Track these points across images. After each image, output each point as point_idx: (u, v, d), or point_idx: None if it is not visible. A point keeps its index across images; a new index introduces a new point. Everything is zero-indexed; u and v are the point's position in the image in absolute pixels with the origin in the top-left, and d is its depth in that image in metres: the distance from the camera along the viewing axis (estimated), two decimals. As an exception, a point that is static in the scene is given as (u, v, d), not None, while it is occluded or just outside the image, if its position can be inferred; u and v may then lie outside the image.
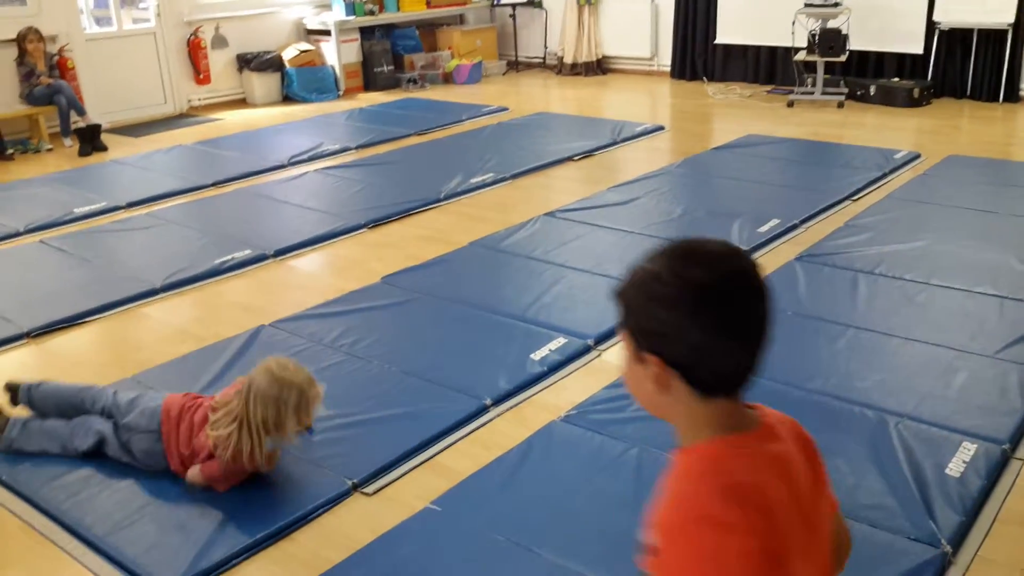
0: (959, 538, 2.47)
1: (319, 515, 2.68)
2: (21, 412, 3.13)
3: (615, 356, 3.61)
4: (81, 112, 7.52)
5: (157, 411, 2.84)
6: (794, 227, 4.96)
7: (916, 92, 7.94)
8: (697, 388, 1.15)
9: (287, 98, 9.26)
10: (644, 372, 1.17)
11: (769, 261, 4.50)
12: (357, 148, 7.12)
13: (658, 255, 1.16)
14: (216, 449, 2.66)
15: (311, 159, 6.81)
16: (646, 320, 1.16)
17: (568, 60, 10.26)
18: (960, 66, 8.16)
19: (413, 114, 8.27)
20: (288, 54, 9.23)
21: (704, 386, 1.15)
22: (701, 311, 1.11)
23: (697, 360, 1.13)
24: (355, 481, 2.81)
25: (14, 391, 3.15)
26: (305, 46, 9.37)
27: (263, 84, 9.14)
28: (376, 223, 5.30)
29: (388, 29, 9.96)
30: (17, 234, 5.27)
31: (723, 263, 1.15)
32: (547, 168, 6.43)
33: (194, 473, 2.75)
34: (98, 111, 7.89)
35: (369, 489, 2.79)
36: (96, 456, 2.93)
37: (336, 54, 9.40)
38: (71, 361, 3.75)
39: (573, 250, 4.69)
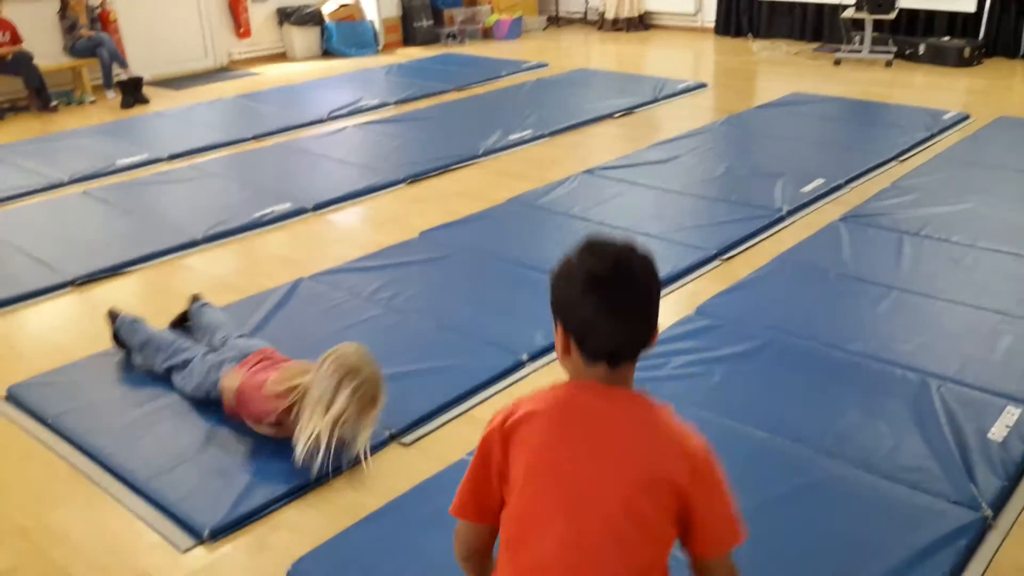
0: (1000, 502, 2.43)
1: (357, 464, 2.71)
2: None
3: (653, 314, 3.59)
4: (123, 64, 7.58)
5: (254, 348, 3.00)
6: (839, 187, 4.87)
7: (967, 51, 7.73)
8: (585, 355, 1.44)
9: (326, 52, 9.24)
10: (556, 337, 1.48)
11: (813, 221, 4.44)
12: (396, 103, 7.10)
13: (576, 246, 1.46)
14: (266, 385, 2.73)
15: (350, 114, 6.81)
16: (556, 294, 1.45)
17: (609, 15, 10.11)
18: (1014, 24, 7.93)
19: (452, 69, 8.22)
20: (328, 8, 9.20)
21: (589, 354, 1.44)
22: (588, 292, 1.40)
23: (585, 332, 1.42)
24: (393, 431, 2.83)
25: (193, 301, 3.48)
26: (345, 0, 9.32)
27: (303, 38, 9.13)
28: (415, 178, 5.29)
29: (428, -17, 9.88)
30: (61, 184, 5.34)
31: (613, 257, 1.42)
32: (586, 125, 6.37)
33: (231, 379, 2.83)
34: (140, 64, 7.94)
35: (407, 440, 2.82)
36: (165, 378, 3.11)
37: (376, 8, 9.35)
38: (115, 310, 3.81)
39: (612, 208, 4.65)
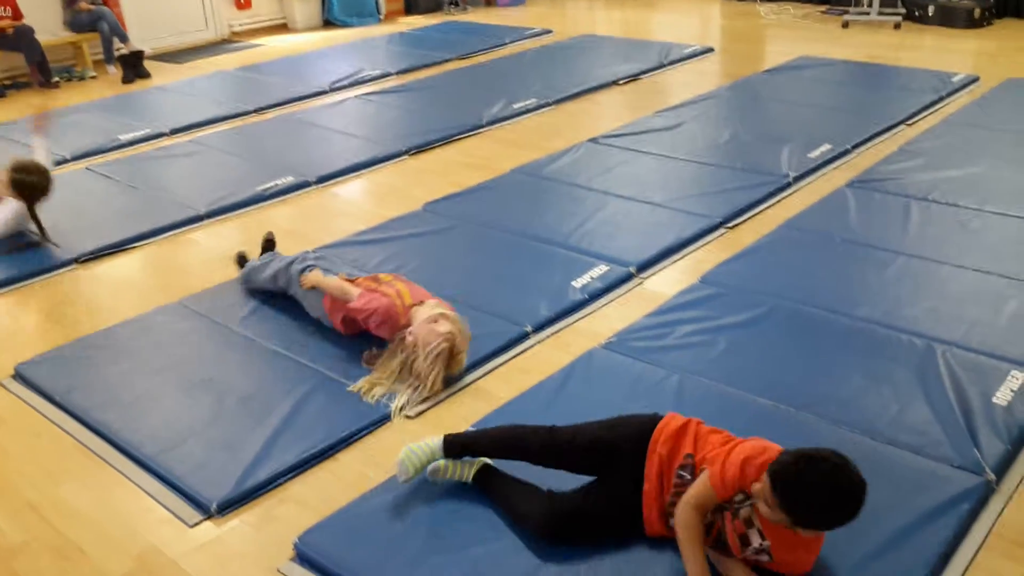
0: (1003, 466, 2.44)
1: (363, 436, 2.73)
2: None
3: (657, 284, 3.58)
4: (124, 39, 7.53)
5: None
6: (845, 152, 4.83)
7: (976, 12, 7.62)
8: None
9: (327, 23, 9.17)
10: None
11: (819, 187, 4.41)
12: (398, 73, 7.05)
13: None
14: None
15: (352, 84, 6.77)
16: None
17: (614, -19, 9.99)
18: (1025, -17, 7.81)
19: (455, 38, 8.15)
20: (329, -23, 9.12)
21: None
22: None
23: None
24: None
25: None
26: (346, -31, 9.23)
27: (303, 8, 9.05)
28: (418, 150, 5.27)
29: (430, -50, 9.77)
30: (64, 161, 5.33)
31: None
32: (591, 93, 6.32)
33: (333, 283, 3.17)
34: (140, 38, 7.89)
35: (411, 412, 2.83)
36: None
37: (377, -23, 9.26)
38: (119, 285, 3.82)
39: (616, 177, 4.62)
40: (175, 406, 2.90)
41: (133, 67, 7.32)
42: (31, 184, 4.02)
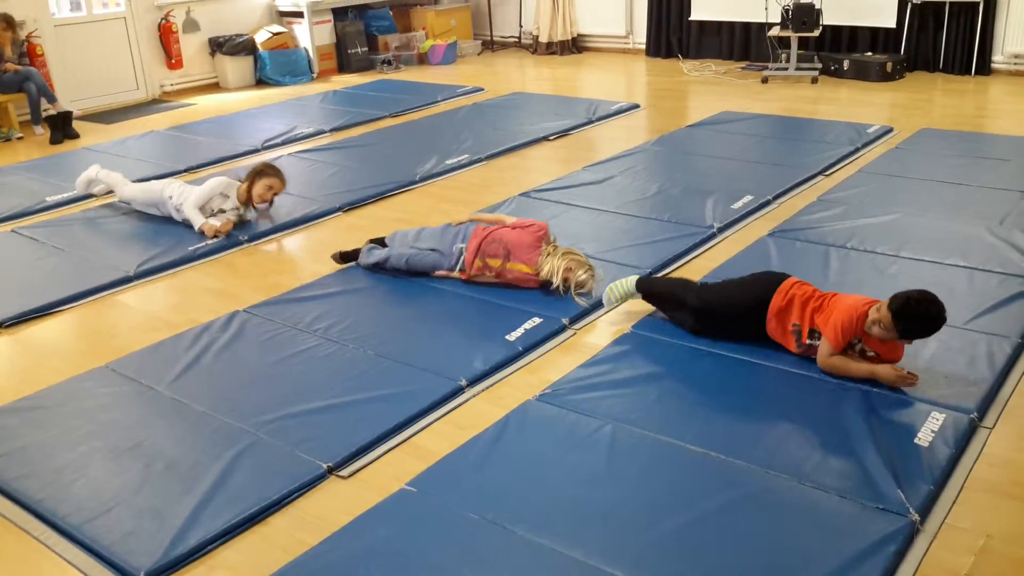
0: (927, 506, 2.50)
1: (295, 499, 2.69)
2: None
3: (590, 335, 3.63)
4: (52, 99, 7.43)
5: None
6: (767, 203, 4.98)
7: (889, 66, 7.97)
8: None
9: (260, 81, 9.19)
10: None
11: (743, 237, 4.53)
12: (331, 131, 7.08)
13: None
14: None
15: (285, 143, 6.78)
16: None
17: (543, 39, 10.22)
18: (932, 40, 8.20)
19: (387, 96, 8.23)
20: (260, 37, 9.15)
21: None
22: None
23: None
24: (330, 464, 2.81)
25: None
26: (277, 28, 9.29)
27: (236, 68, 9.07)
28: (351, 206, 5.28)
29: (361, 9, 9.89)
30: (-12, 224, 5.23)
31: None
32: (522, 148, 6.42)
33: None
34: (69, 98, 7.81)
35: (344, 472, 2.80)
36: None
37: (309, 36, 9.33)
38: (45, 350, 3.74)
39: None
40: (101, 473, 2.83)
41: (61, 128, 7.23)
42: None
